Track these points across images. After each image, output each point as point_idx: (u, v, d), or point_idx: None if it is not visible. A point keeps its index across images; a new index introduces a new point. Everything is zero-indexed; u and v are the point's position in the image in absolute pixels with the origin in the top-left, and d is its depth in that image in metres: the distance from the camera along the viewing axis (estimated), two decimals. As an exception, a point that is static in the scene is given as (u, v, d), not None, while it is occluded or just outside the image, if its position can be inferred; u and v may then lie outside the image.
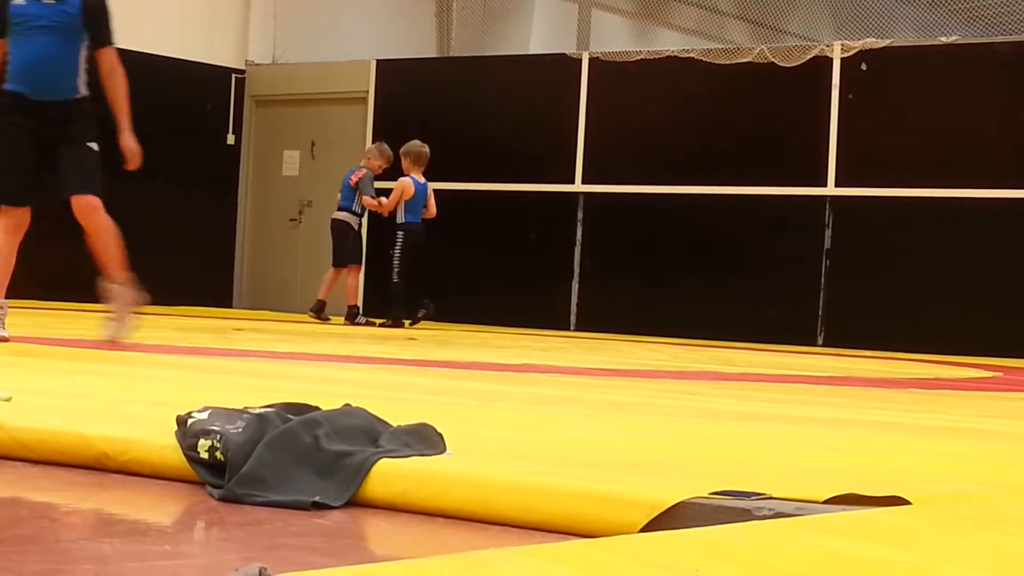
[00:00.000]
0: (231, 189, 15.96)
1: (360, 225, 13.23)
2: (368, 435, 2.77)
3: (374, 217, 13.61)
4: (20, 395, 3.48)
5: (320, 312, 12.96)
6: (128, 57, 15.00)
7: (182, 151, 15.36)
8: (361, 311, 13.09)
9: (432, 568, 1.74)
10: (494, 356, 8.15)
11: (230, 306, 15.74)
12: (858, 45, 12.82)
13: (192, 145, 15.49)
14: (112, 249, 7.49)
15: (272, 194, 15.99)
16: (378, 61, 15.27)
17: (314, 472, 2.61)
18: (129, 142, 7.50)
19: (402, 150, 12.90)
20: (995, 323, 12.12)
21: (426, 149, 12.81)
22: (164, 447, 2.79)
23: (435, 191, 14.11)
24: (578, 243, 13.98)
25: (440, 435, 2.89)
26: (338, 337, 10.18)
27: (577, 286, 13.99)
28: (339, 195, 13.06)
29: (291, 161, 15.91)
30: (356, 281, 13.17)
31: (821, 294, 12.87)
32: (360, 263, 13.24)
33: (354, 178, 12.89)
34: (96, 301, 7.53)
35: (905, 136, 12.62)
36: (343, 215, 12.98)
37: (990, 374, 8.99)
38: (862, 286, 12.69)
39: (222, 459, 2.65)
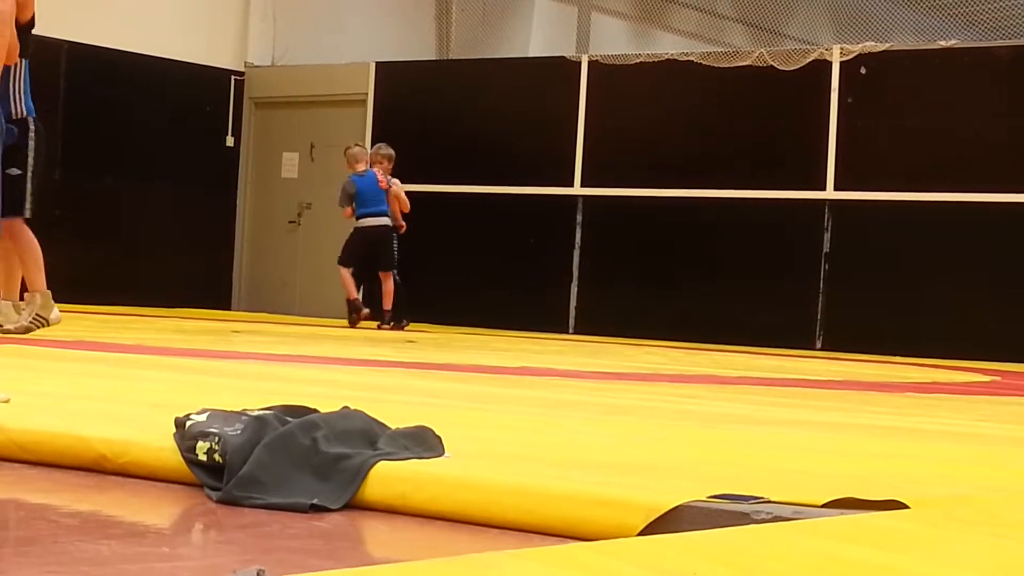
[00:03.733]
0: (230, 191, 15.95)
1: None
2: (366, 437, 2.77)
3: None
4: (18, 397, 3.48)
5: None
6: (127, 59, 15.13)
7: (181, 153, 15.37)
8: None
9: (430, 571, 1.74)
10: (492, 359, 8.15)
11: (229, 308, 15.74)
12: (857, 49, 12.83)
13: (191, 147, 15.49)
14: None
15: (271, 196, 15.99)
16: (377, 63, 15.27)
17: (312, 474, 2.61)
18: None
19: (391, 153, 12.97)
20: (993, 327, 12.12)
21: None
22: (162, 449, 2.79)
23: (435, 194, 14.16)
24: (577, 246, 13.98)
25: (438, 438, 2.89)
26: (336, 340, 10.18)
27: (576, 289, 14.00)
28: (355, 200, 12.67)
29: (290, 163, 15.90)
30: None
31: (820, 298, 12.87)
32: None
33: (384, 181, 12.75)
34: (95, 303, 7.55)
35: (904, 140, 12.62)
36: (387, 220, 12.81)
37: (988, 378, 8.99)
38: (861, 290, 12.69)
39: (220, 461, 2.65)
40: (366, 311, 12.79)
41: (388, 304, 12.93)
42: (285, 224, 15.84)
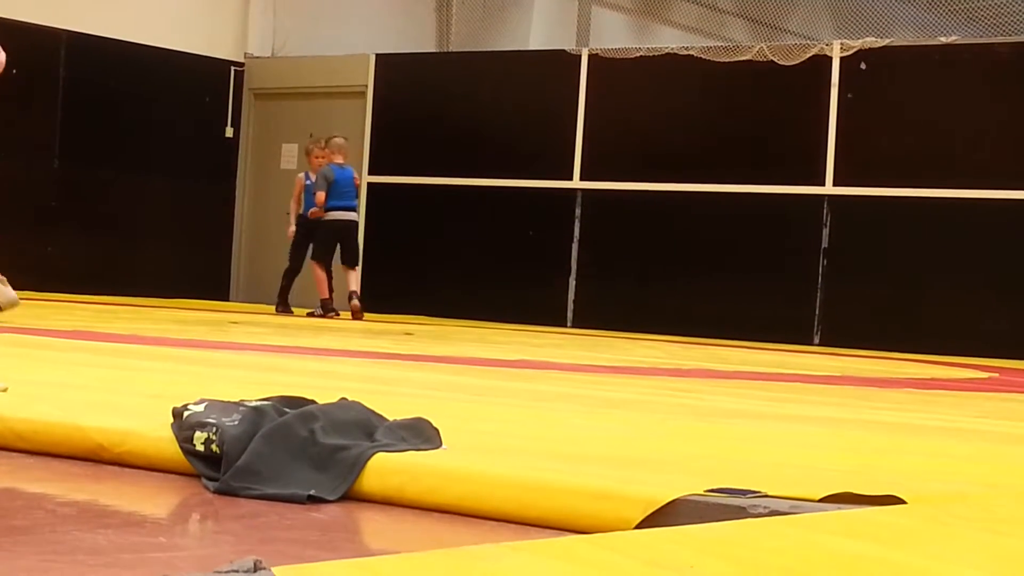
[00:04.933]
0: (229, 182, 15.95)
1: None
2: (364, 429, 2.77)
3: (382, 214, 13.58)
4: (16, 386, 3.48)
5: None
6: (127, 49, 15.11)
7: (180, 144, 15.36)
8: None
9: (427, 562, 1.74)
10: (491, 352, 8.15)
11: (227, 299, 15.74)
12: (857, 44, 12.82)
13: (190, 138, 15.49)
14: None
15: (270, 187, 15.98)
16: (377, 55, 15.26)
17: (310, 465, 2.61)
18: None
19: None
20: (992, 324, 12.12)
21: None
22: (160, 439, 2.79)
23: (434, 186, 14.14)
24: (575, 240, 13.98)
25: (436, 430, 2.89)
26: (334, 331, 10.18)
27: (574, 282, 14.00)
28: (327, 193, 12.73)
29: (289, 154, 15.90)
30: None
31: (818, 293, 12.87)
32: None
33: (359, 178, 12.93)
34: (93, 293, 7.53)
35: (904, 136, 12.62)
36: (355, 215, 12.96)
37: (986, 375, 8.99)
38: (859, 285, 12.69)
39: (218, 452, 2.65)
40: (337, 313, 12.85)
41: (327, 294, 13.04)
42: (284, 215, 15.81)
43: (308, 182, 12.97)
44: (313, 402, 2.90)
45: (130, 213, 15.02)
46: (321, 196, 12.73)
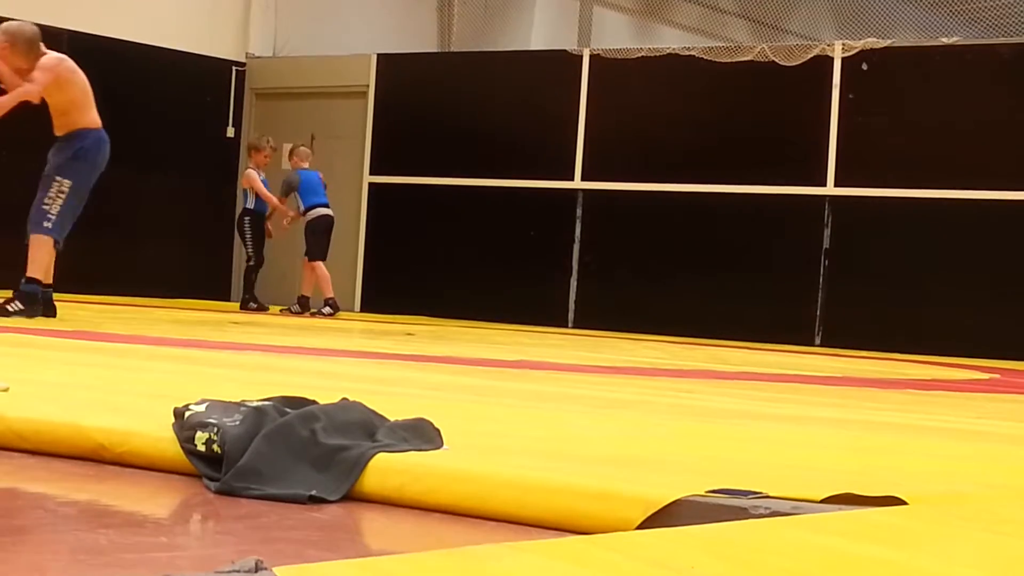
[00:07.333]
0: (230, 182, 15.94)
1: None
2: (365, 429, 2.77)
3: (383, 213, 13.59)
4: (18, 385, 3.48)
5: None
6: (128, 48, 15.12)
7: (181, 144, 15.36)
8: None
9: (428, 563, 1.74)
10: (492, 352, 8.15)
11: (228, 299, 15.73)
12: (859, 45, 12.82)
13: (192, 138, 15.49)
14: None
15: (272, 188, 15.96)
16: (379, 55, 15.26)
17: (311, 466, 2.61)
18: None
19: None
20: (993, 325, 12.12)
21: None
22: (161, 439, 2.79)
23: (435, 186, 14.13)
24: (577, 240, 13.98)
25: (437, 430, 2.89)
26: (335, 332, 10.18)
27: (575, 283, 13.99)
28: (300, 191, 13.16)
29: (291, 155, 15.89)
30: None
31: (819, 294, 12.87)
32: None
33: (324, 179, 13.35)
34: (94, 293, 7.52)
35: (905, 136, 12.62)
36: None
37: (987, 376, 8.98)
38: (860, 286, 12.69)
39: (219, 452, 2.65)
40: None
41: (320, 292, 13.24)
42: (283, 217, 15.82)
43: (262, 178, 13.35)
44: (314, 402, 2.90)
45: (131, 213, 15.01)
46: (275, 200, 13.25)
